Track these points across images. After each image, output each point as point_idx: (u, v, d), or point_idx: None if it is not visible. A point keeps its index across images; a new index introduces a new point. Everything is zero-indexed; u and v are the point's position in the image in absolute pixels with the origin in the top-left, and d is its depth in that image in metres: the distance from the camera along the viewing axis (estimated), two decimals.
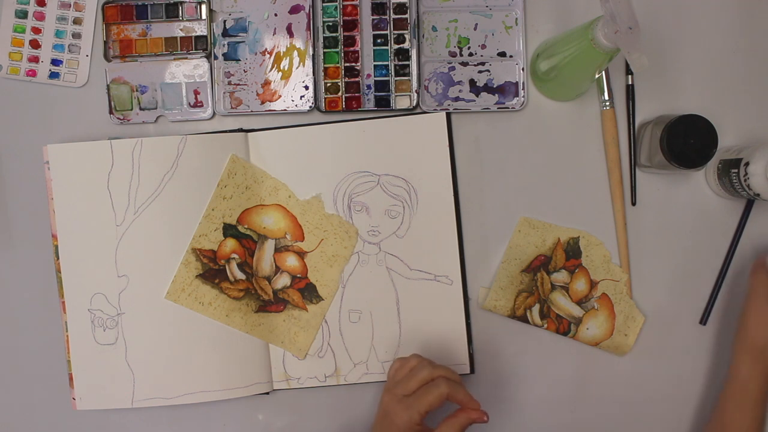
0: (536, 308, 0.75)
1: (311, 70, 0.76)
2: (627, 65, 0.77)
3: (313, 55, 0.76)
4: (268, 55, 0.76)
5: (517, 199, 0.77)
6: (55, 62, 0.77)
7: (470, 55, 0.77)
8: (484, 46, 0.77)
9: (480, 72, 0.77)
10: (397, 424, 0.63)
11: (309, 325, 0.76)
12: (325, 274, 0.76)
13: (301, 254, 0.76)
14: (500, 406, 0.77)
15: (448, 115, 0.76)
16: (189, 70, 0.77)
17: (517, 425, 0.77)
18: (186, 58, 0.77)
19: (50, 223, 0.75)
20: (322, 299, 0.76)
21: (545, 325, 0.75)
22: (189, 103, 0.77)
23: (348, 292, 0.76)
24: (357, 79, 0.76)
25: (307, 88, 0.76)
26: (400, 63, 0.76)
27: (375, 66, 0.77)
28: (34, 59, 0.78)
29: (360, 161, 0.76)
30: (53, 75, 0.77)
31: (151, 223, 0.74)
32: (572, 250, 0.75)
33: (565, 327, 0.75)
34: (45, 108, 0.78)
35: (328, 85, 0.76)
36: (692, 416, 0.77)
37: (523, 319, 0.75)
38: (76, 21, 0.77)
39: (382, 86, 0.77)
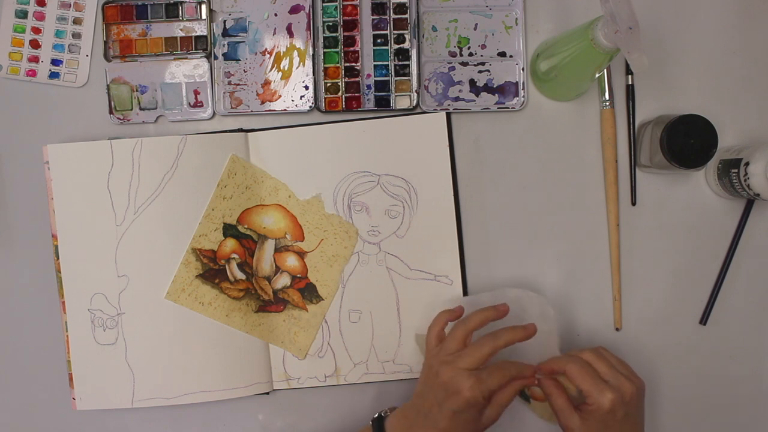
0: None
1: (311, 70, 0.76)
2: (627, 65, 0.77)
3: (313, 55, 0.76)
4: (268, 55, 0.77)
5: (517, 199, 0.77)
6: (55, 62, 0.78)
7: (470, 55, 0.77)
8: (484, 46, 0.77)
9: (480, 72, 0.77)
10: (466, 397, 0.63)
11: (309, 325, 0.76)
12: (325, 274, 0.76)
13: (301, 254, 0.76)
14: None
15: (448, 115, 0.76)
16: (189, 70, 0.77)
17: (515, 424, 0.77)
18: (186, 58, 0.77)
19: (50, 223, 0.75)
20: (322, 299, 0.76)
21: None
22: (189, 103, 0.77)
23: (348, 292, 0.76)
24: (357, 79, 0.77)
25: (307, 88, 0.76)
26: (400, 63, 0.76)
27: (375, 66, 0.77)
28: (34, 59, 0.78)
29: (360, 161, 0.76)
30: (53, 75, 0.77)
31: (151, 223, 0.74)
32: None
33: None
34: (45, 108, 0.78)
35: (328, 85, 0.76)
36: (692, 416, 0.77)
37: None
38: (76, 21, 0.77)
39: (382, 86, 0.77)
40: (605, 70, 0.75)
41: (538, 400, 0.71)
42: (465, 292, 0.76)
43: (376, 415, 0.69)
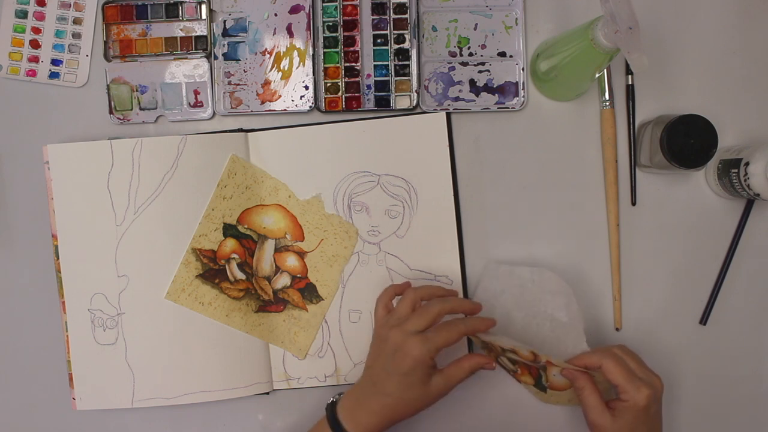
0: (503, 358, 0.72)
1: (311, 70, 0.76)
2: (627, 65, 0.77)
3: (313, 55, 0.76)
4: (268, 55, 0.77)
5: (517, 199, 0.77)
6: (55, 62, 0.78)
7: (470, 55, 0.77)
8: (484, 46, 0.77)
9: (480, 72, 0.77)
10: (413, 356, 0.63)
11: (309, 325, 0.76)
12: (325, 274, 0.76)
13: (301, 254, 0.76)
14: (496, 402, 0.77)
15: (448, 115, 0.76)
16: (189, 70, 0.77)
17: (515, 424, 0.77)
18: (186, 58, 0.77)
19: (50, 223, 0.75)
20: (322, 299, 0.76)
21: (518, 370, 0.72)
22: (189, 103, 0.77)
23: (348, 292, 0.76)
24: (357, 79, 0.76)
25: (307, 88, 0.76)
26: (400, 63, 0.76)
27: (375, 66, 0.77)
28: (34, 59, 0.78)
29: (360, 161, 0.76)
30: (53, 75, 0.77)
31: (151, 223, 0.74)
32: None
33: (535, 372, 0.71)
34: (45, 108, 0.78)
35: (328, 85, 0.76)
36: (691, 416, 0.77)
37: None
38: (76, 21, 0.77)
39: (382, 86, 0.77)
40: (605, 70, 0.75)
41: (558, 390, 0.70)
42: (465, 292, 0.76)
43: (330, 401, 0.69)
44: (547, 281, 0.73)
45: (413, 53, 0.76)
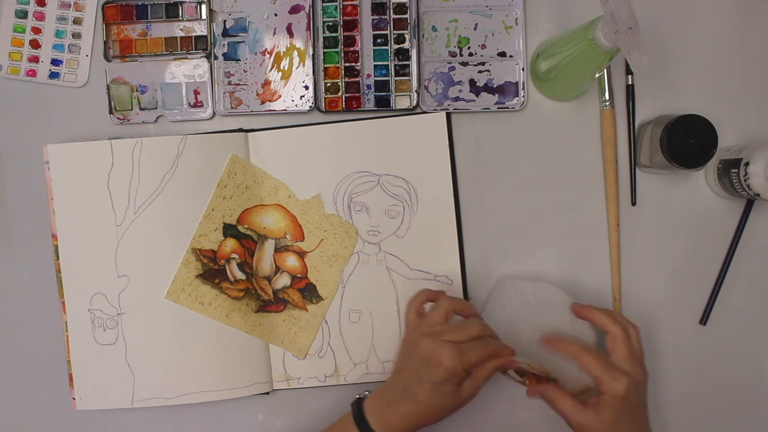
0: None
1: (311, 70, 0.76)
2: (627, 65, 0.77)
3: (313, 55, 0.76)
4: (268, 55, 0.77)
5: (517, 199, 0.77)
6: (55, 62, 0.78)
7: (470, 55, 0.77)
8: (484, 46, 0.77)
9: (480, 72, 0.77)
10: (446, 366, 0.63)
11: (309, 325, 0.76)
12: (325, 274, 0.76)
13: (301, 254, 0.76)
14: (495, 403, 0.77)
15: (448, 115, 0.76)
16: (189, 70, 0.77)
17: (515, 424, 0.77)
18: (186, 58, 0.77)
19: (50, 223, 0.75)
20: (322, 299, 0.76)
21: (526, 381, 0.72)
22: (189, 103, 0.77)
23: (348, 292, 0.76)
24: (357, 79, 0.77)
25: (307, 88, 0.76)
26: (400, 63, 0.76)
27: (375, 66, 0.77)
28: (34, 59, 0.78)
29: (360, 161, 0.76)
30: (53, 75, 0.77)
31: (151, 223, 0.74)
32: None
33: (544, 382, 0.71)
34: (45, 108, 0.78)
35: (328, 85, 0.76)
36: (691, 417, 0.77)
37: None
38: (76, 21, 0.77)
39: (382, 86, 0.77)
40: (605, 70, 0.75)
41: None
42: (465, 292, 0.76)
43: (356, 398, 0.69)
44: (550, 295, 0.72)
45: (413, 53, 0.76)
